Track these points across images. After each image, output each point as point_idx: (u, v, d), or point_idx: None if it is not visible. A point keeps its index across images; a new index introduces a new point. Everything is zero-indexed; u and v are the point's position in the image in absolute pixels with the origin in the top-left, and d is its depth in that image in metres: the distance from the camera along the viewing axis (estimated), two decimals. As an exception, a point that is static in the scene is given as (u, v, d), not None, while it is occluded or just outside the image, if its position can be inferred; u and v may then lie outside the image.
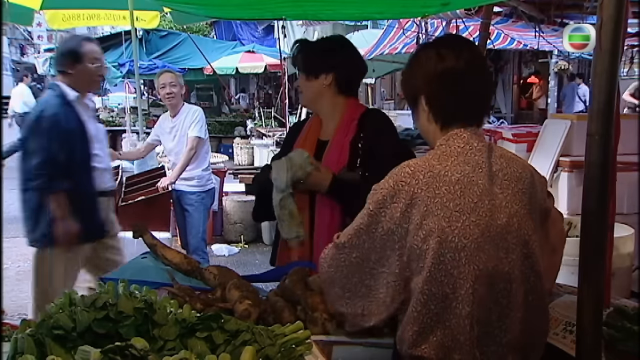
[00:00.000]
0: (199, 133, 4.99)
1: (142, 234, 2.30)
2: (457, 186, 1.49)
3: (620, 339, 1.89)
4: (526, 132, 5.01)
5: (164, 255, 2.27)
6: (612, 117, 1.56)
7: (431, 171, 1.51)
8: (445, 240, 1.46)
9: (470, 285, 1.47)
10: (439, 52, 1.59)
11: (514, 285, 1.52)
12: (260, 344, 1.44)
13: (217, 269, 2.19)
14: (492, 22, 5.78)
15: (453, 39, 1.79)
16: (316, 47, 2.49)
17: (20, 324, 1.51)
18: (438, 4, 4.34)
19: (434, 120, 1.62)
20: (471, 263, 1.47)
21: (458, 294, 1.48)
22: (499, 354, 1.53)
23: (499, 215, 1.51)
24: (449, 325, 1.49)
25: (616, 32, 1.52)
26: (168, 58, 14.89)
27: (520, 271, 1.53)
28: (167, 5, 5.54)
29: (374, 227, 1.54)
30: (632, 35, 7.71)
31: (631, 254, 3.51)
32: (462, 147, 1.55)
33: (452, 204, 1.48)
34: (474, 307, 1.48)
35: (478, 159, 1.54)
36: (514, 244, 1.52)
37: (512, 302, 1.52)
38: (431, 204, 1.48)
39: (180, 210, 5.20)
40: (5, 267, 6.11)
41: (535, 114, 14.45)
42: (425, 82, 1.61)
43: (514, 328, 1.53)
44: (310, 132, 2.54)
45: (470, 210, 1.48)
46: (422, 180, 1.50)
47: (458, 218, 1.47)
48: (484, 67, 1.67)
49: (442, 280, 1.47)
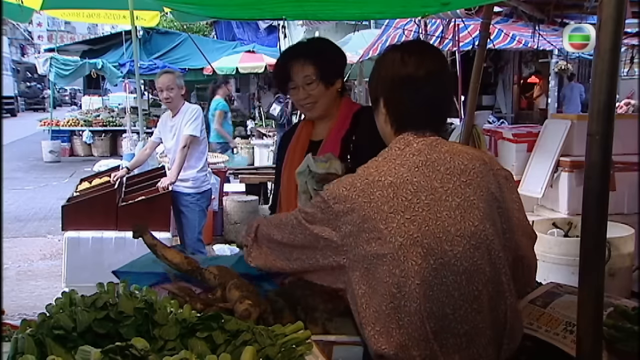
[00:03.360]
0: (193, 131, 4.97)
1: (142, 234, 2.30)
2: (390, 189, 1.55)
3: (620, 339, 1.88)
4: (526, 132, 5.01)
5: (164, 255, 2.27)
6: (612, 117, 1.56)
7: (367, 178, 1.59)
8: (385, 242, 1.52)
9: (412, 282, 1.50)
10: (403, 58, 1.65)
11: (464, 276, 1.54)
12: (260, 344, 1.44)
13: (217, 269, 2.19)
14: (492, 21, 5.77)
15: (419, 45, 1.84)
16: (326, 54, 2.45)
17: (20, 324, 1.52)
18: (438, 4, 4.35)
19: (390, 123, 1.68)
20: (409, 259, 1.51)
21: (404, 291, 1.51)
22: (459, 344, 1.55)
23: (438, 209, 1.55)
24: (402, 324, 1.52)
25: (616, 32, 1.52)
26: (168, 58, 14.90)
27: (470, 262, 1.55)
28: (167, 5, 5.54)
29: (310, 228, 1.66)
30: (632, 35, 7.70)
31: (631, 254, 3.50)
32: (402, 150, 1.62)
33: (386, 207, 1.54)
34: (422, 303, 1.51)
35: (415, 158, 1.60)
36: (459, 235, 1.54)
37: (464, 293, 1.54)
38: (368, 208, 1.54)
39: (176, 210, 5.21)
40: (5, 267, 6.12)
41: (536, 114, 14.44)
42: (385, 85, 1.68)
43: (471, 318, 1.55)
44: (302, 135, 2.52)
45: (405, 208, 1.54)
46: (359, 188, 1.57)
47: (393, 218, 1.53)
48: (444, 76, 1.73)
49: (386, 280, 1.52)
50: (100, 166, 9.94)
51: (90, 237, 4.82)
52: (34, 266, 6.45)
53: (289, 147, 2.54)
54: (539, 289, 2.21)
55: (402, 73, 1.64)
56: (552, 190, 4.39)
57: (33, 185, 11.18)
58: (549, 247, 3.50)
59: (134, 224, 2.29)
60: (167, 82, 4.99)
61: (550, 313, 1.99)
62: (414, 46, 1.76)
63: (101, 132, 16.07)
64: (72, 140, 16.19)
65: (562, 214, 4.23)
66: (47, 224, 8.23)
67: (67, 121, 16.46)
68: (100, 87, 20.89)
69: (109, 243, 4.81)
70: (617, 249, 3.36)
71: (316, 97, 2.38)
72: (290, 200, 2.42)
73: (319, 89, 2.37)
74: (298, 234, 1.71)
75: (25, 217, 8.61)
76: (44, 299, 3.13)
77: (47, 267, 6.33)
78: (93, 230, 4.84)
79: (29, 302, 5.11)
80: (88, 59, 14.89)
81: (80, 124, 16.20)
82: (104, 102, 20.71)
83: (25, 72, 38.53)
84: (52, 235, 7.54)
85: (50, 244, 7.22)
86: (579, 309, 1.63)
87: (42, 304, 1.59)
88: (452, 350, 1.55)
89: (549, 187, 4.37)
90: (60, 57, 14.80)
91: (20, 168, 13.76)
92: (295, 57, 2.39)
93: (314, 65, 2.35)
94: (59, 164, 14.63)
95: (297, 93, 2.38)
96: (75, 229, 4.85)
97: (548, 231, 3.71)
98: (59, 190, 10.15)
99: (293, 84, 2.38)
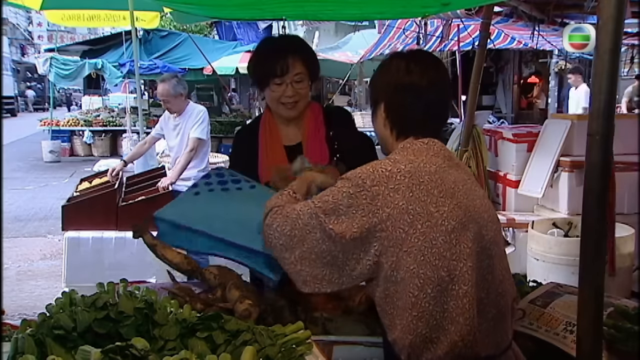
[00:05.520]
0: (200, 134, 4.98)
1: (142, 234, 2.30)
2: (437, 175, 1.60)
3: (621, 339, 1.89)
4: (526, 132, 5.01)
5: (164, 255, 2.27)
6: (612, 117, 1.56)
7: (408, 165, 1.60)
8: (436, 225, 1.54)
9: (465, 264, 1.55)
10: (408, 66, 1.71)
11: (495, 260, 1.63)
12: (260, 344, 1.44)
13: (217, 269, 2.20)
14: (492, 21, 5.77)
15: (424, 55, 1.88)
16: (311, 53, 2.41)
17: (20, 324, 1.52)
18: (438, 4, 4.35)
19: (390, 127, 1.73)
20: (461, 242, 1.55)
21: (454, 274, 1.54)
22: (490, 329, 1.60)
23: (473, 197, 1.64)
24: (447, 308, 1.53)
25: (616, 32, 1.52)
26: (168, 58, 14.89)
27: (498, 247, 1.66)
28: (167, 5, 5.54)
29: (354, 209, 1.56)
30: (632, 35, 7.70)
31: (631, 254, 3.51)
32: (427, 145, 1.67)
33: (436, 191, 1.57)
34: (472, 286, 1.55)
35: (443, 152, 1.68)
36: (490, 221, 1.65)
37: (495, 277, 1.62)
38: (417, 190, 1.56)
39: None
40: (5, 267, 6.12)
41: (536, 114, 14.45)
42: (388, 91, 1.73)
43: (497, 302, 1.61)
44: (271, 140, 2.41)
45: (451, 194, 1.59)
46: (404, 170, 1.58)
47: (444, 202, 1.57)
48: (445, 86, 1.81)
49: (435, 263, 1.53)
50: (100, 166, 9.93)
51: (90, 237, 4.81)
52: (34, 266, 6.45)
53: (260, 154, 2.41)
54: (539, 289, 2.21)
55: (405, 80, 1.69)
56: (552, 190, 4.39)
57: (33, 185, 11.16)
58: (549, 247, 3.50)
59: (134, 224, 2.28)
60: (161, 93, 5.02)
61: (550, 313, 1.99)
62: (419, 56, 1.82)
63: (101, 132, 16.06)
64: (72, 140, 16.19)
65: (562, 214, 4.24)
66: (47, 224, 8.22)
67: (67, 121, 16.46)
68: (100, 87, 20.88)
69: (109, 243, 4.80)
70: (617, 249, 3.37)
71: (302, 96, 2.33)
72: None
73: (306, 88, 2.33)
74: (311, 233, 1.60)
75: (25, 217, 8.61)
76: (44, 299, 3.12)
77: (47, 267, 6.33)
78: (93, 230, 4.83)
79: (29, 302, 5.11)
80: (88, 59, 14.87)
81: (81, 124, 16.20)
82: (104, 102, 20.69)
83: (25, 72, 38.57)
84: (52, 235, 7.54)
85: (50, 244, 7.22)
86: (579, 309, 1.63)
87: (42, 304, 1.59)
88: (484, 334, 1.58)
89: (549, 187, 4.37)
90: (60, 57, 14.79)
91: (20, 168, 13.76)
92: (281, 52, 2.30)
93: (304, 63, 2.31)
94: (59, 164, 14.63)
95: (283, 90, 2.28)
96: (76, 229, 4.84)
97: (548, 231, 3.72)
98: (59, 190, 10.14)
99: (279, 80, 2.28)
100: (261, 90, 2.39)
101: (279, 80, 2.28)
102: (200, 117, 5.02)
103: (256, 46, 2.49)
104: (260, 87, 2.37)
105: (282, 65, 2.26)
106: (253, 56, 2.44)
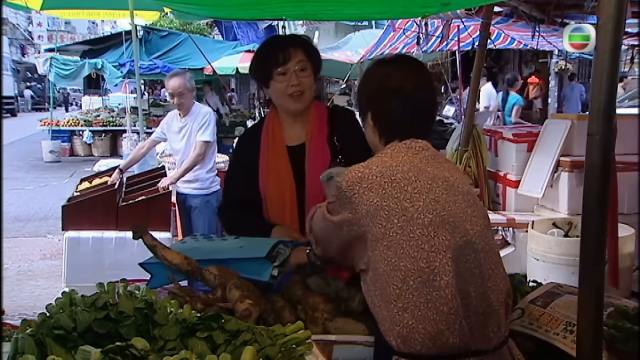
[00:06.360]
0: (208, 137, 4.92)
1: (142, 235, 2.29)
2: (411, 173, 1.66)
3: (621, 339, 1.89)
4: (526, 132, 5.01)
5: (164, 256, 2.27)
6: (612, 117, 1.56)
7: (384, 164, 1.68)
8: (411, 219, 1.60)
9: (444, 256, 1.59)
10: (391, 72, 1.76)
11: (482, 254, 1.64)
12: (260, 344, 1.44)
13: (218, 269, 2.19)
14: (492, 22, 5.78)
15: (406, 60, 1.91)
16: (312, 46, 2.41)
17: (20, 324, 1.52)
18: (438, 4, 4.35)
19: (378, 133, 1.79)
20: (439, 235, 1.60)
21: (434, 265, 1.58)
22: (480, 323, 1.61)
23: (454, 193, 1.67)
24: (430, 299, 1.57)
25: (616, 32, 1.52)
26: (168, 58, 14.88)
27: (485, 242, 1.67)
28: (167, 5, 5.53)
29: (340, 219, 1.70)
30: (632, 35, 7.70)
31: (631, 254, 3.51)
32: (408, 147, 1.73)
33: (409, 187, 1.64)
34: (453, 277, 1.58)
35: (424, 152, 1.73)
36: (475, 216, 1.68)
37: (483, 271, 1.64)
38: (389, 188, 1.63)
39: (185, 213, 5.16)
40: (5, 267, 6.12)
41: (535, 114, 14.44)
42: (373, 98, 1.78)
43: (487, 297, 1.63)
44: (274, 140, 2.41)
45: (427, 190, 1.64)
46: (375, 170, 1.66)
47: (418, 198, 1.63)
48: (430, 88, 1.85)
49: (414, 255, 1.59)
50: (100, 166, 9.91)
51: (90, 237, 4.81)
52: (34, 266, 6.45)
53: (261, 155, 2.41)
54: (539, 289, 2.21)
55: (389, 86, 1.75)
56: (552, 190, 4.39)
57: (33, 185, 11.17)
58: (549, 247, 3.50)
59: (134, 225, 2.28)
60: (178, 86, 4.84)
61: (550, 313, 1.99)
62: (402, 61, 1.86)
63: (101, 132, 16.07)
64: (72, 140, 16.20)
65: (562, 214, 4.24)
66: (47, 224, 8.23)
67: (67, 121, 16.47)
68: (100, 87, 20.88)
69: (109, 243, 4.80)
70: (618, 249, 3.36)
71: (307, 86, 2.31)
72: (284, 211, 2.37)
73: (310, 78, 2.32)
74: (324, 228, 1.78)
75: (25, 217, 8.61)
76: (44, 299, 3.13)
77: (47, 267, 6.33)
78: (93, 230, 4.83)
79: (29, 302, 5.11)
80: (88, 59, 14.88)
81: (81, 124, 16.21)
82: (104, 102, 20.70)
83: (25, 72, 38.58)
84: (52, 235, 7.54)
85: (50, 244, 7.22)
86: (579, 309, 1.64)
87: (42, 304, 1.59)
88: (474, 328, 1.60)
89: (549, 187, 4.37)
90: (60, 57, 14.80)
91: (20, 168, 13.77)
92: (283, 44, 2.32)
93: (305, 52, 2.31)
94: (59, 164, 14.63)
95: (288, 79, 2.27)
96: (76, 229, 4.84)
97: (548, 231, 3.72)
98: (59, 190, 10.14)
99: (283, 69, 2.27)
100: (266, 87, 2.38)
101: (282, 69, 2.27)
102: (207, 120, 4.94)
103: (257, 48, 2.50)
104: (265, 83, 2.36)
105: (284, 54, 2.27)
106: (255, 55, 2.44)
